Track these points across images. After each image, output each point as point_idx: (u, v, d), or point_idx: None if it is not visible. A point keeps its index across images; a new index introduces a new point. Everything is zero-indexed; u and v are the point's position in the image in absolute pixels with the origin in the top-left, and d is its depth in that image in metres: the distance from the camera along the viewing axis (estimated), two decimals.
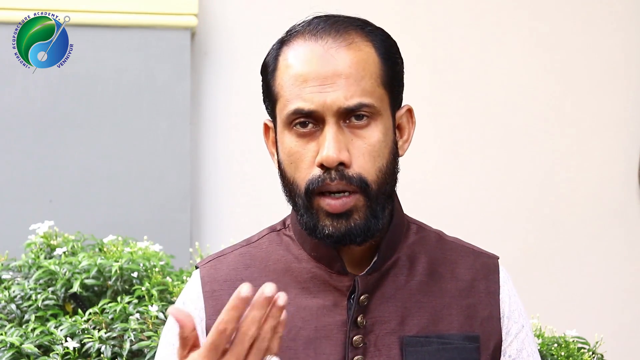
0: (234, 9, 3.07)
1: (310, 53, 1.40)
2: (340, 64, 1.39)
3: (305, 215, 1.41)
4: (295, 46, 1.42)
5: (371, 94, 1.40)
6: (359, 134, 1.39)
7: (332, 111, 1.38)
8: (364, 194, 1.39)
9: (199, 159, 3.04)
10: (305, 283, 1.45)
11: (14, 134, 2.86)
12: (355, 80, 1.39)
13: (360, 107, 1.38)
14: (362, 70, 1.40)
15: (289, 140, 1.41)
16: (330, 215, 1.39)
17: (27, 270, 2.26)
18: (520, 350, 1.49)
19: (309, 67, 1.39)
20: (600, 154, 3.24)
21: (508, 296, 1.51)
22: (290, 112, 1.40)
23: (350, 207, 1.38)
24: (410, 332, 1.43)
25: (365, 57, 1.41)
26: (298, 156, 1.40)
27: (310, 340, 1.42)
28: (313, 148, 1.39)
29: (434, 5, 3.18)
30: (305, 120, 1.39)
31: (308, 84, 1.38)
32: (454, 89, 3.18)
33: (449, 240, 1.54)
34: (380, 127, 1.41)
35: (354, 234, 1.39)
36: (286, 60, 1.42)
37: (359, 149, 1.39)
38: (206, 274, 1.49)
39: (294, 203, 1.44)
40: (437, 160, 3.17)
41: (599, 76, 3.25)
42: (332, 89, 1.38)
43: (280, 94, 1.42)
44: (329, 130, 1.38)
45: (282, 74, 1.42)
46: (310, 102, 1.38)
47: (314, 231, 1.41)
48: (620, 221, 3.24)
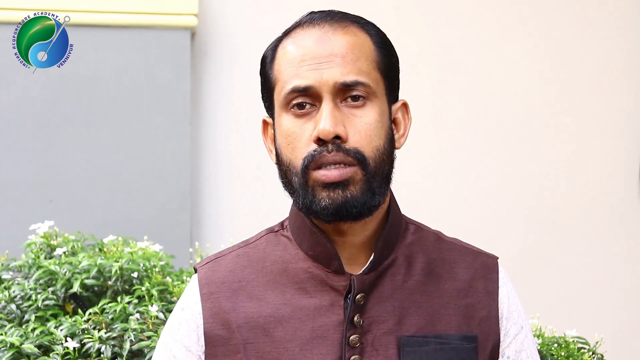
0: (234, 9, 3.07)
1: (307, 37, 1.42)
2: (336, 45, 1.41)
3: (301, 192, 1.40)
4: (294, 35, 1.44)
5: (367, 74, 1.41)
6: (355, 113, 1.40)
7: (329, 86, 1.39)
8: (361, 167, 1.39)
9: (199, 159, 3.04)
10: (302, 283, 1.44)
11: (14, 134, 2.86)
12: (351, 59, 1.41)
13: (356, 84, 1.40)
14: (357, 52, 1.42)
15: (286, 122, 1.42)
16: (326, 187, 1.38)
17: (27, 270, 2.26)
18: (519, 352, 1.49)
19: (305, 49, 1.41)
20: (601, 153, 3.24)
21: (507, 297, 1.50)
22: (287, 91, 1.41)
23: (347, 177, 1.38)
24: (407, 332, 1.43)
25: (361, 42, 1.43)
26: (295, 136, 1.41)
27: (307, 340, 1.42)
28: (310, 127, 1.40)
29: (434, 5, 3.18)
30: (302, 102, 1.40)
31: (305, 63, 1.40)
32: (453, 89, 3.18)
33: (448, 240, 1.53)
34: (377, 108, 1.42)
35: (350, 205, 1.38)
36: (284, 49, 1.44)
37: (355, 126, 1.40)
38: (204, 276, 1.49)
39: (290, 186, 1.43)
40: (437, 160, 3.16)
41: (599, 76, 3.25)
42: (329, 66, 1.40)
43: (278, 79, 1.43)
44: (325, 106, 1.39)
45: (280, 60, 1.44)
46: (307, 78, 1.40)
47: (310, 208, 1.40)
48: (620, 221, 3.24)
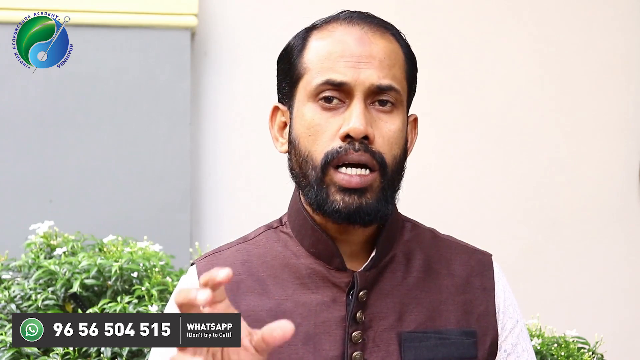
0: (234, 9, 3.07)
1: (347, 34, 1.43)
2: (375, 49, 1.42)
3: (315, 187, 1.40)
4: (330, 28, 1.44)
5: (399, 82, 1.44)
6: (382, 118, 1.41)
7: (364, 87, 1.40)
8: (381, 174, 1.40)
9: (199, 159, 3.04)
10: (304, 279, 1.45)
11: (14, 134, 2.86)
12: (388, 65, 1.42)
13: (390, 89, 1.41)
14: (394, 59, 1.44)
15: (311, 112, 1.42)
16: (343, 191, 1.39)
17: (27, 270, 2.26)
18: (515, 345, 1.51)
19: (345, 46, 1.42)
20: (601, 153, 3.24)
21: (503, 292, 1.52)
22: (320, 82, 1.41)
23: (367, 184, 1.39)
24: (408, 328, 1.44)
25: (396, 49, 1.45)
26: (319, 128, 1.41)
27: (309, 336, 1.42)
28: (336, 122, 1.40)
29: (433, 5, 3.18)
30: (331, 96, 1.41)
31: (343, 59, 1.41)
32: (453, 89, 3.18)
33: (443, 237, 1.55)
34: (401, 117, 1.44)
35: (364, 212, 1.39)
36: (319, 40, 1.44)
37: (380, 131, 1.41)
38: (203, 268, 1.49)
39: (303, 178, 1.43)
40: (437, 160, 3.16)
41: (599, 75, 3.25)
42: (367, 66, 1.41)
43: (308, 69, 1.43)
44: (356, 105, 1.40)
45: (313, 51, 1.44)
46: (344, 74, 1.40)
47: (321, 206, 1.40)
48: (620, 221, 3.24)
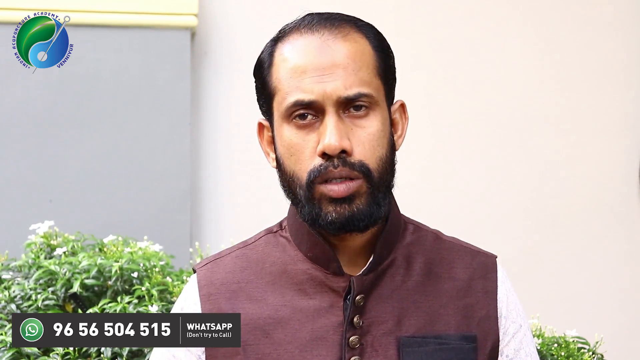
0: (234, 9, 3.07)
1: (307, 45, 1.40)
2: (337, 55, 1.39)
3: (306, 206, 1.40)
4: (291, 40, 1.42)
5: (369, 84, 1.41)
6: (358, 124, 1.40)
7: (332, 100, 1.38)
8: (366, 180, 1.39)
9: (199, 159, 3.04)
10: (302, 284, 1.44)
11: (14, 134, 2.86)
12: (353, 70, 1.39)
13: (359, 96, 1.39)
14: (359, 61, 1.41)
15: (288, 133, 1.41)
16: (333, 201, 1.38)
17: (27, 270, 2.26)
18: (518, 350, 1.49)
19: (306, 59, 1.40)
20: (601, 153, 3.24)
21: (506, 295, 1.50)
22: (290, 104, 1.39)
23: (353, 191, 1.38)
24: (407, 333, 1.43)
25: (361, 48, 1.42)
26: (298, 148, 1.40)
27: (306, 341, 1.42)
28: (313, 139, 1.39)
29: (432, 5, 3.18)
30: (305, 112, 1.39)
31: (307, 75, 1.39)
32: (453, 89, 3.18)
33: (447, 240, 1.53)
34: (379, 117, 1.41)
35: (357, 219, 1.38)
36: (282, 55, 1.42)
37: (359, 137, 1.39)
38: (203, 277, 1.49)
39: (293, 197, 1.43)
40: (436, 161, 3.16)
41: (599, 75, 3.25)
42: (331, 78, 1.38)
43: (278, 88, 1.42)
44: (329, 119, 1.38)
45: (279, 68, 1.42)
46: (310, 92, 1.38)
47: (316, 221, 1.40)
48: (620, 221, 3.24)
